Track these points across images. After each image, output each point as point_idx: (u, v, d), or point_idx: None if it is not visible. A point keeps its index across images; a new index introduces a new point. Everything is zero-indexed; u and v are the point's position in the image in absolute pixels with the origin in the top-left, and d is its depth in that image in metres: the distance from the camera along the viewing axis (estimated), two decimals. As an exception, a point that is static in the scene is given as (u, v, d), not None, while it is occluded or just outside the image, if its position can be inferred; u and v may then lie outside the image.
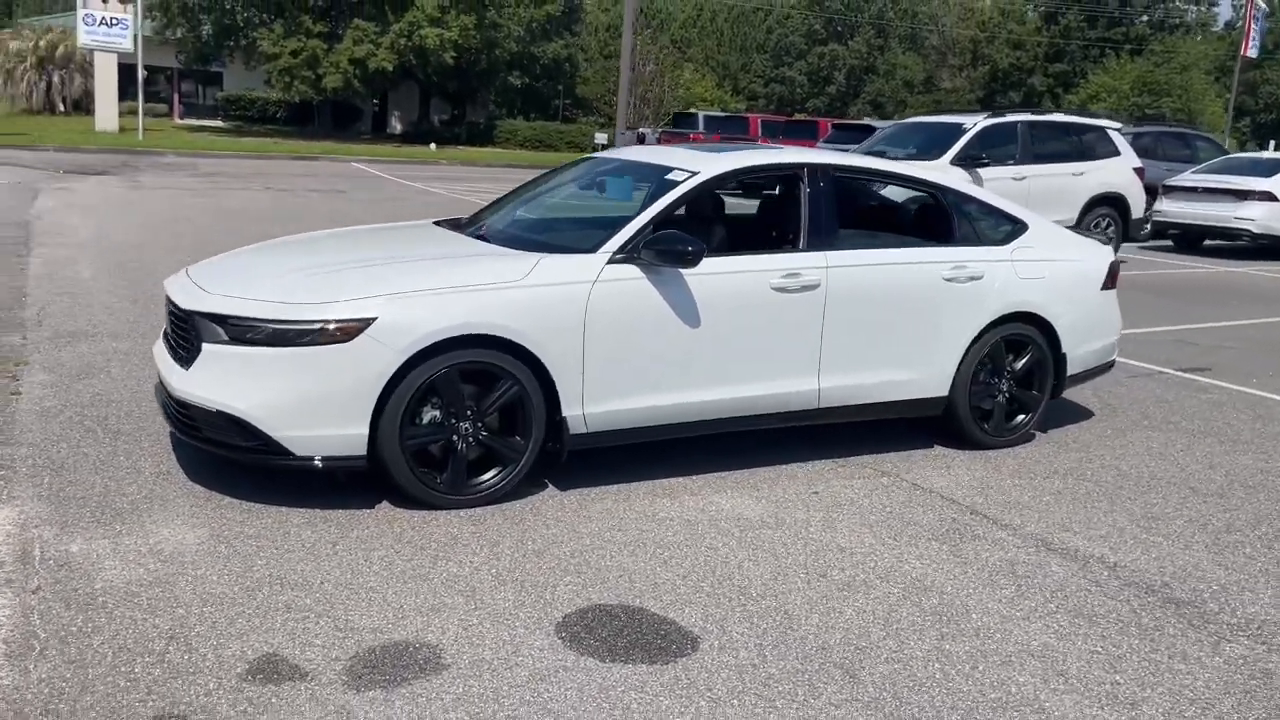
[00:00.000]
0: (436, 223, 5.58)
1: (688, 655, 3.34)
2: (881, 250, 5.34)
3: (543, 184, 6.00)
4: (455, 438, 4.39)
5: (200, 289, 4.44)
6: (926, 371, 5.44)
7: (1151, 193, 16.01)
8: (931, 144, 12.91)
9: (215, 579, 3.63)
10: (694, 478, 5.02)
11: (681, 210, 5.09)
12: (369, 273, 4.49)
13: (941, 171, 11.57)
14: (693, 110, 32.07)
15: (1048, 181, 12.97)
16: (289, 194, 18.47)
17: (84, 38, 37.22)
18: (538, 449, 4.55)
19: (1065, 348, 5.82)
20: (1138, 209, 13.78)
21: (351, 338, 4.12)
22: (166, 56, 47.72)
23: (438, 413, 4.35)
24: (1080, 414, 6.64)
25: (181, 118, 50.74)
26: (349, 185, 20.89)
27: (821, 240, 5.15)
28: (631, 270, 4.64)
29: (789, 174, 5.42)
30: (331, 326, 4.12)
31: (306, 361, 4.12)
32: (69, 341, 6.89)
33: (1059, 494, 5.11)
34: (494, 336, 4.34)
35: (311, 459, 4.20)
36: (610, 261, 4.63)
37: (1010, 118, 13.18)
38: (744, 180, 5.41)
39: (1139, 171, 13.81)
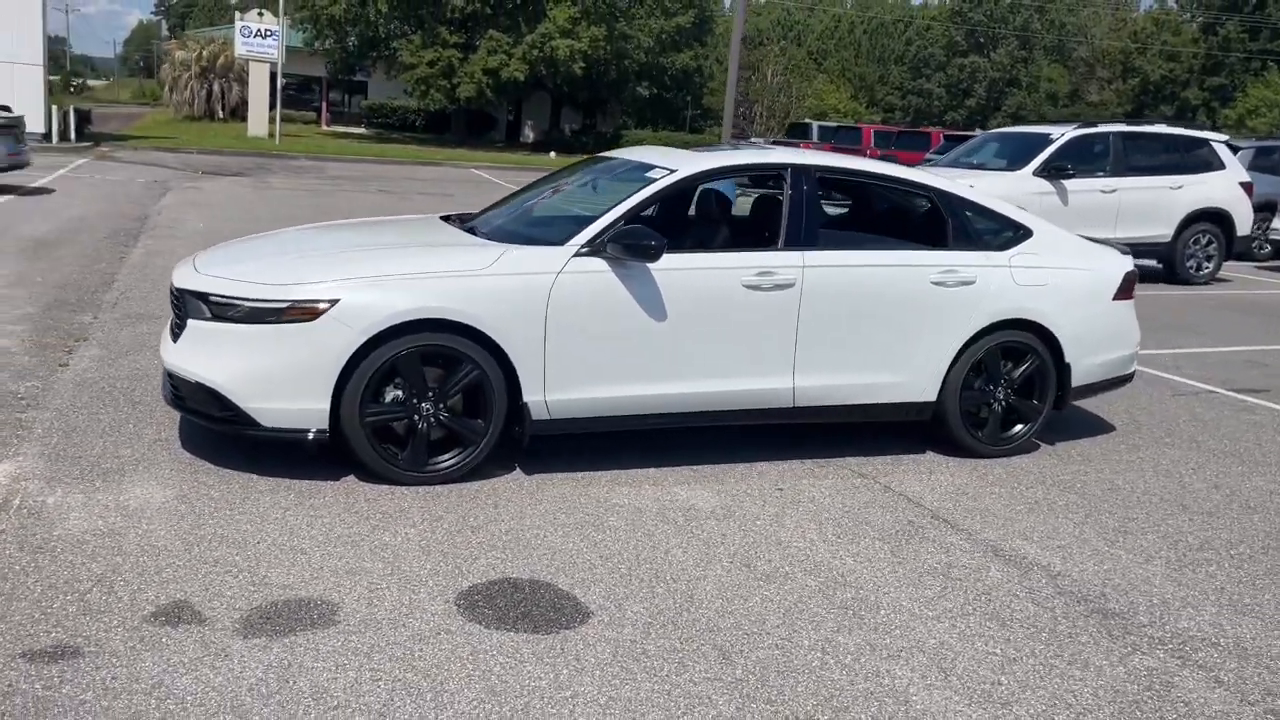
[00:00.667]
0: (443, 218, 5.84)
1: (572, 629, 3.47)
2: (862, 251, 5.34)
3: (548, 182, 6.20)
4: (416, 417, 4.61)
5: (195, 270, 4.80)
6: (911, 375, 5.40)
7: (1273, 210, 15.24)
8: (1015, 155, 12.62)
9: (162, 533, 3.94)
10: (664, 469, 5.13)
11: (667, 208, 5.21)
12: (342, 258, 4.77)
13: (1023, 182, 11.35)
14: (807, 121, 31.88)
15: (1141, 195, 12.50)
16: (397, 196, 19.24)
17: (240, 48, 39.43)
18: (498, 433, 4.74)
19: (1069, 358, 5.68)
20: (1244, 226, 13.13)
21: (316, 317, 4.40)
22: (317, 66, 50.11)
23: (400, 392, 4.59)
24: (1100, 428, 6.45)
25: (328, 124, 53.05)
26: (459, 190, 21.58)
27: (800, 240, 5.18)
28: (597, 263, 4.79)
29: (772, 174, 5.47)
30: (297, 306, 4.40)
31: (274, 339, 4.42)
32: (133, 323, 7.44)
33: (1035, 504, 5.01)
34: (455, 322, 4.54)
35: (281, 430, 4.48)
36: (577, 254, 4.79)
37: (1102, 128, 12.76)
38: (725, 179, 5.47)
39: (1246, 187, 13.15)
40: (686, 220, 6.16)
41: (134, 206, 14.77)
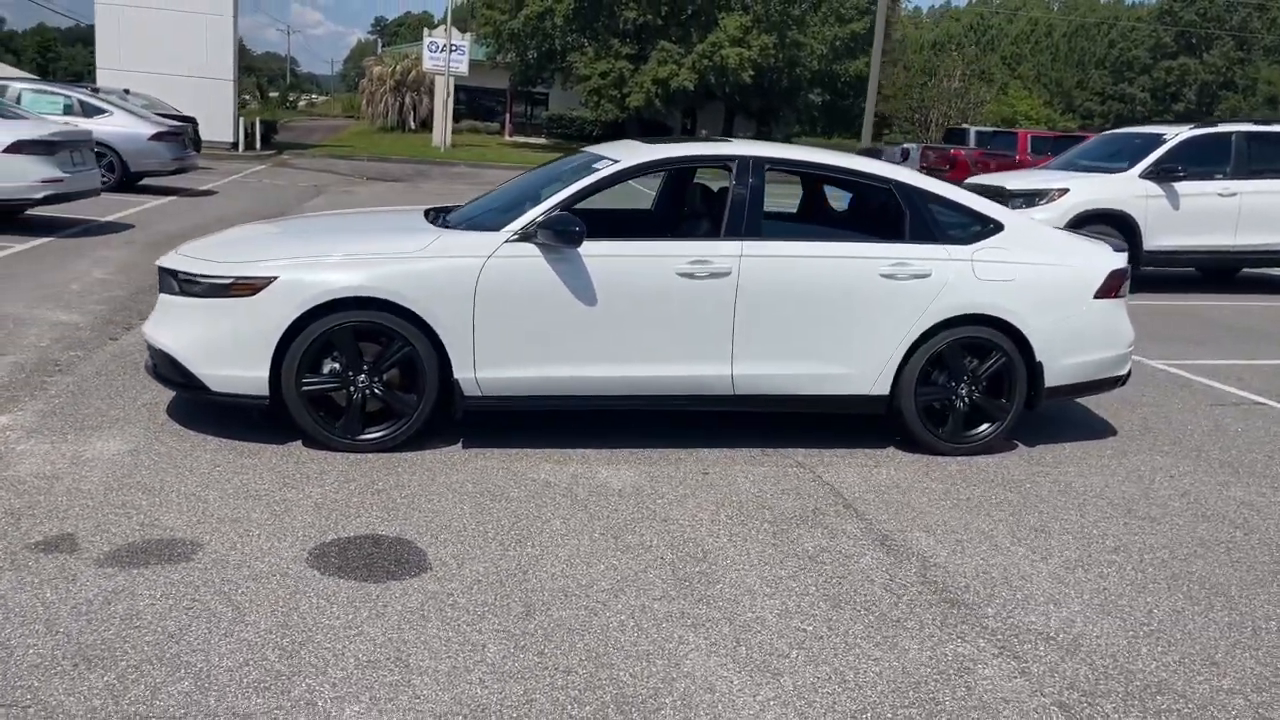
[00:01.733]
0: (426, 211, 6.11)
1: (400, 580, 3.73)
2: (804, 243, 5.36)
3: (528, 176, 6.46)
4: (352, 389, 4.98)
5: (176, 252, 5.32)
6: (860, 368, 5.38)
7: None
8: (1124, 156, 12.00)
9: (94, 479, 4.44)
10: (603, 450, 5.31)
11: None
12: (295, 241, 5.20)
13: (1128, 184, 10.85)
14: (964, 126, 30.90)
15: (1266, 199, 11.66)
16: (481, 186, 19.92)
17: (428, 63, 41.54)
18: (430, 406, 5.04)
19: (1041, 356, 5.51)
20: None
21: (256, 292, 4.83)
22: (501, 79, 52.20)
23: (338, 365, 4.96)
24: (1099, 432, 6.19)
25: (511, 135, 55.12)
26: (596, 194, 22.11)
27: (741, 230, 5.26)
28: (528, 249, 5.03)
29: (718, 166, 5.56)
30: (241, 282, 4.85)
31: (222, 311, 4.88)
32: (201, 306, 8.16)
33: (965, 501, 4.92)
34: (385, 300, 4.88)
35: (228, 395, 4.94)
36: (509, 240, 5.04)
37: (1223, 128, 11.96)
38: (667, 170, 5.58)
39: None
40: (672, 211, 6.32)
41: (280, 208, 15.95)
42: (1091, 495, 5.08)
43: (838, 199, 6.68)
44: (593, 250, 5.09)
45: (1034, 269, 5.52)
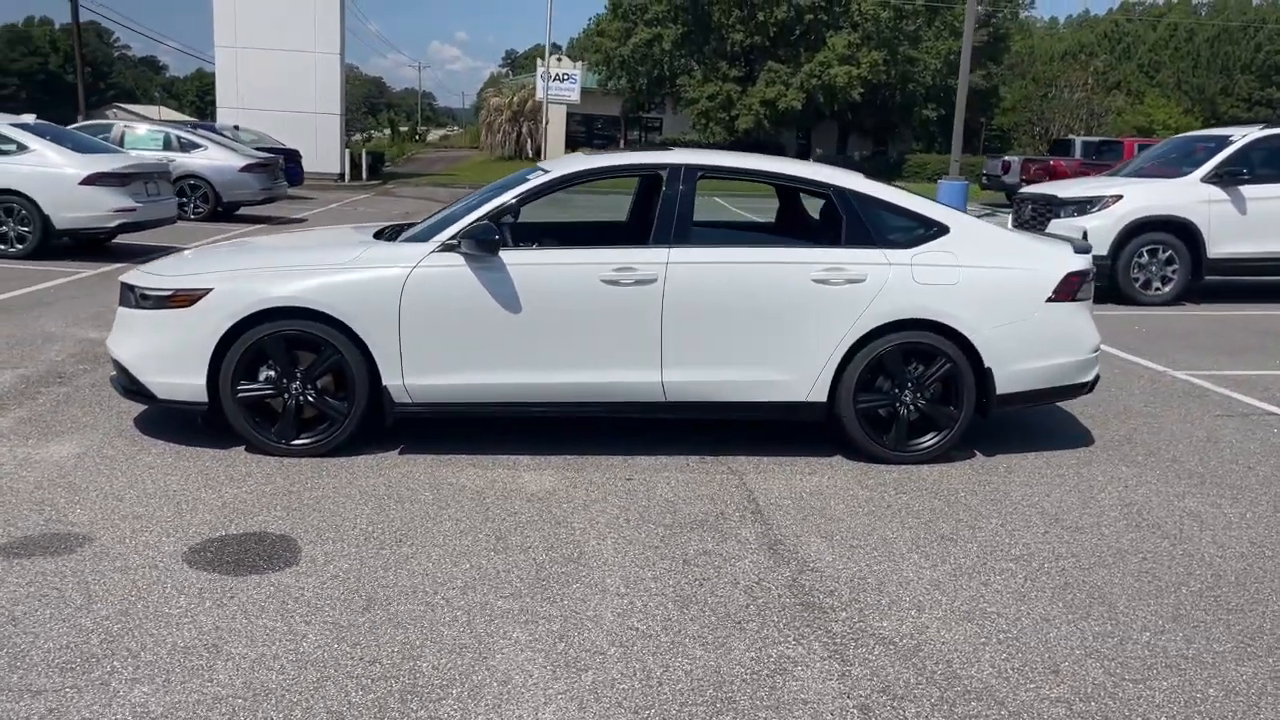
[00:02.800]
0: (387, 227, 6.20)
1: (259, 574, 3.87)
2: (734, 249, 5.33)
3: (481, 191, 6.53)
4: (286, 395, 5.19)
5: (138, 269, 5.65)
6: (794, 375, 5.30)
7: None
8: (1189, 159, 11.44)
9: (30, 478, 4.74)
10: (536, 457, 5.37)
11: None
12: (236, 255, 5.46)
13: (1188, 189, 10.40)
14: (1070, 137, 29.84)
15: (1345, 202, 10.93)
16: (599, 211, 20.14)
17: (541, 92, 42.55)
18: (360, 413, 5.20)
19: (990, 362, 5.33)
20: None
21: (193, 304, 5.09)
22: (613, 105, 53.03)
23: (273, 372, 5.18)
24: (1073, 441, 5.94)
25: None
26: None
27: (669, 237, 5.27)
28: (454, 259, 5.16)
29: (648, 174, 5.58)
30: (180, 294, 5.12)
31: (164, 322, 5.15)
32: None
33: (882, 509, 4.79)
34: (313, 310, 5.08)
35: (171, 401, 5.21)
36: (436, 250, 5.18)
37: (1295, 127, 11.28)
38: (594, 180, 5.61)
39: None
40: (641, 221, 6.38)
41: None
42: (1023, 505, 4.88)
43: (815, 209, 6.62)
44: (517, 259, 5.18)
45: (979, 272, 5.35)
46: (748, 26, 45.06)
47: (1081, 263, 5.53)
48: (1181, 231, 10.84)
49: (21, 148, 11.72)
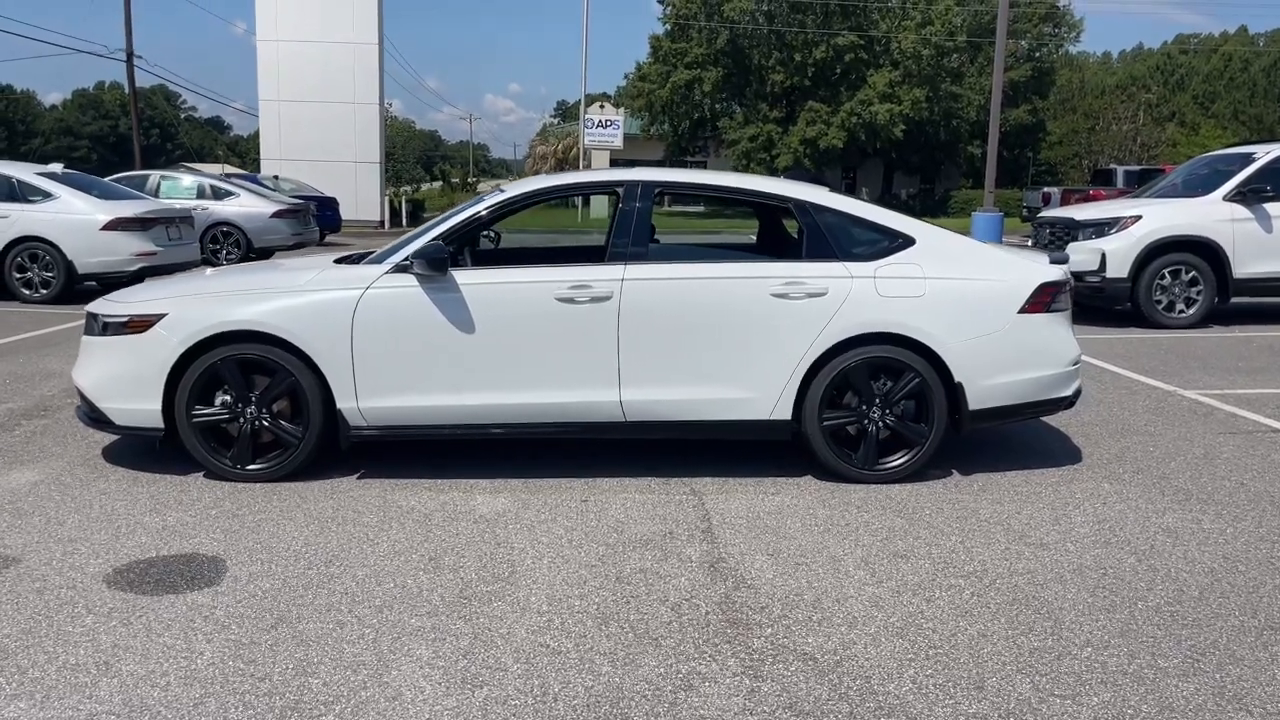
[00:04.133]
0: (356, 254, 6.17)
1: (177, 594, 3.80)
2: (690, 265, 5.22)
3: (445, 214, 6.51)
4: (241, 420, 5.16)
5: (104, 297, 5.67)
6: (756, 392, 5.16)
7: None
8: (1211, 178, 11.11)
9: (-21, 504, 4.76)
10: (495, 480, 5.28)
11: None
12: (195, 281, 5.46)
13: (1210, 208, 10.13)
14: (1111, 167, 29.33)
15: (1377, 217, 10.53)
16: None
17: (585, 139, 42.92)
18: (315, 436, 5.15)
19: (960, 377, 5.15)
20: None
21: (147, 329, 5.09)
22: (656, 150, 53.34)
23: (228, 397, 5.16)
24: (1059, 459, 5.70)
25: (670, 205, 56.08)
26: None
27: (625, 254, 5.19)
28: (406, 279, 5.12)
29: (605, 191, 5.51)
30: (135, 320, 5.13)
31: (120, 348, 5.16)
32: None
33: (838, 527, 4.61)
34: (266, 333, 5.06)
35: (129, 428, 5.20)
36: (389, 272, 5.15)
37: (1321, 142, 10.91)
38: (552, 199, 5.55)
39: None
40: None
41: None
42: (989, 522, 4.66)
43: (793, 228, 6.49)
44: (470, 278, 5.13)
45: (946, 284, 5.18)
46: (787, 67, 45.21)
47: (1056, 273, 5.33)
48: (1205, 251, 10.50)
49: (47, 196, 12.02)
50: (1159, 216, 10.63)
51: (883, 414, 5.20)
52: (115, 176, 18.05)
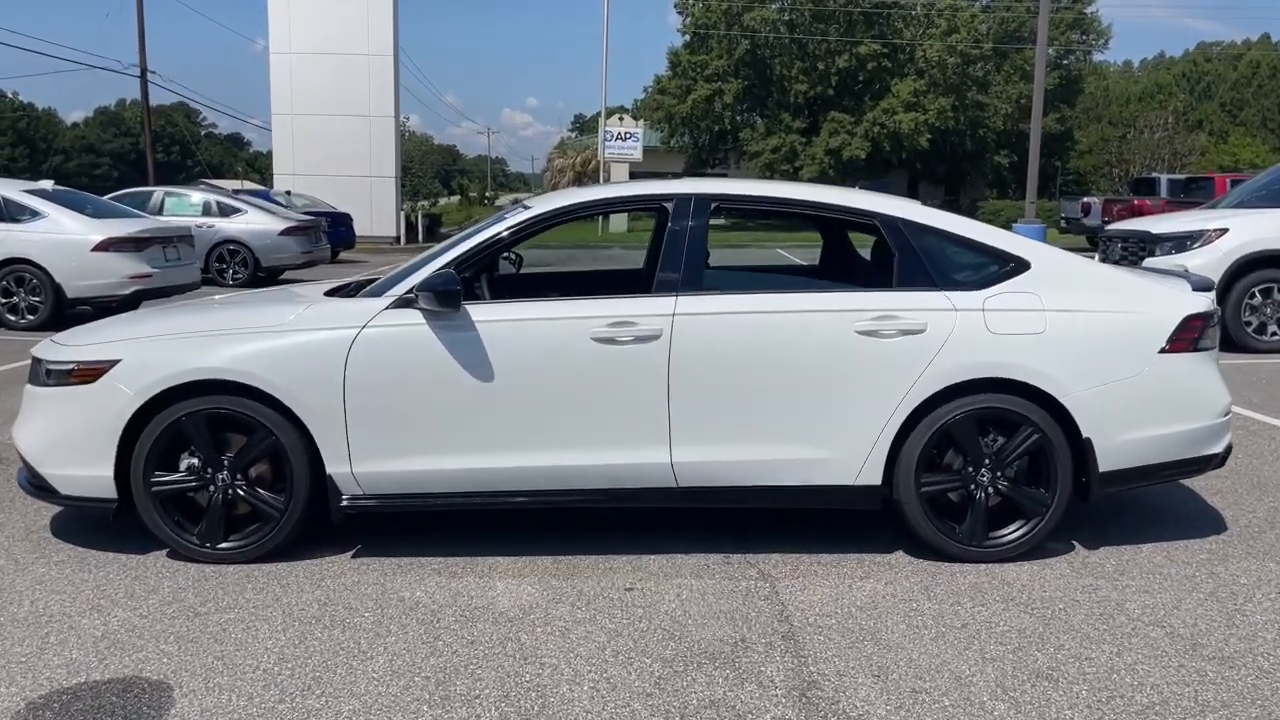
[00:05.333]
0: (351, 282, 5.20)
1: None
2: (756, 295, 4.27)
3: (460, 233, 5.57)
4: (212, 489, 4.24)
5: (51, 338, 4.75)
6: (837, 451, 4.21)
7: None
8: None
9: (-117, 600, 3.84)
10: (518, 559, 4.34)
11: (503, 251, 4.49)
12: (157, 319, 4.55)
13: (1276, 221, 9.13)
14: (1154, 175, 28.23)
15: None
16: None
17: (604, 151, 42.16)
18: (300, 508, 4.22)
19: (1089, 432, 4.18)
20: None
21: (97, 378, 4.18)
22: (675, 163, 52.47)
23: (195, 460, 4.24)
24: (1200, 527, 4.72)
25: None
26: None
27: (676, 282, 4.25)
28: (411, 315, 4.19)
29: (649, 207, 4.58)
30: (82, 367, 4.21)
31: (64, 401, 4.25)
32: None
33: (955, 630, 3.64)
34: (240, 383, 4.14)
35: (76, 499, 4.29)
36: (390, 307, 4.22)
37: None
38: (585, 216, 4.63)
39: None
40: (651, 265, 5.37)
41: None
42: (1143, 623, 3.68)
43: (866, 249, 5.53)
44: (488, 314, 4.20)
45: (1071, 317, 4.21)
46: (810, 77, 44.30)
47: (1202, 303, 4.36)
48: (1303, 269, 9.48)
49: (35, 215, 11.21)
50: (1248, 229, 9.61)
51: (994, 477, 4.23)
52: (119, 193, 17.29)
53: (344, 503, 4.23)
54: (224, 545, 4.25)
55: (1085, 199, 26.70)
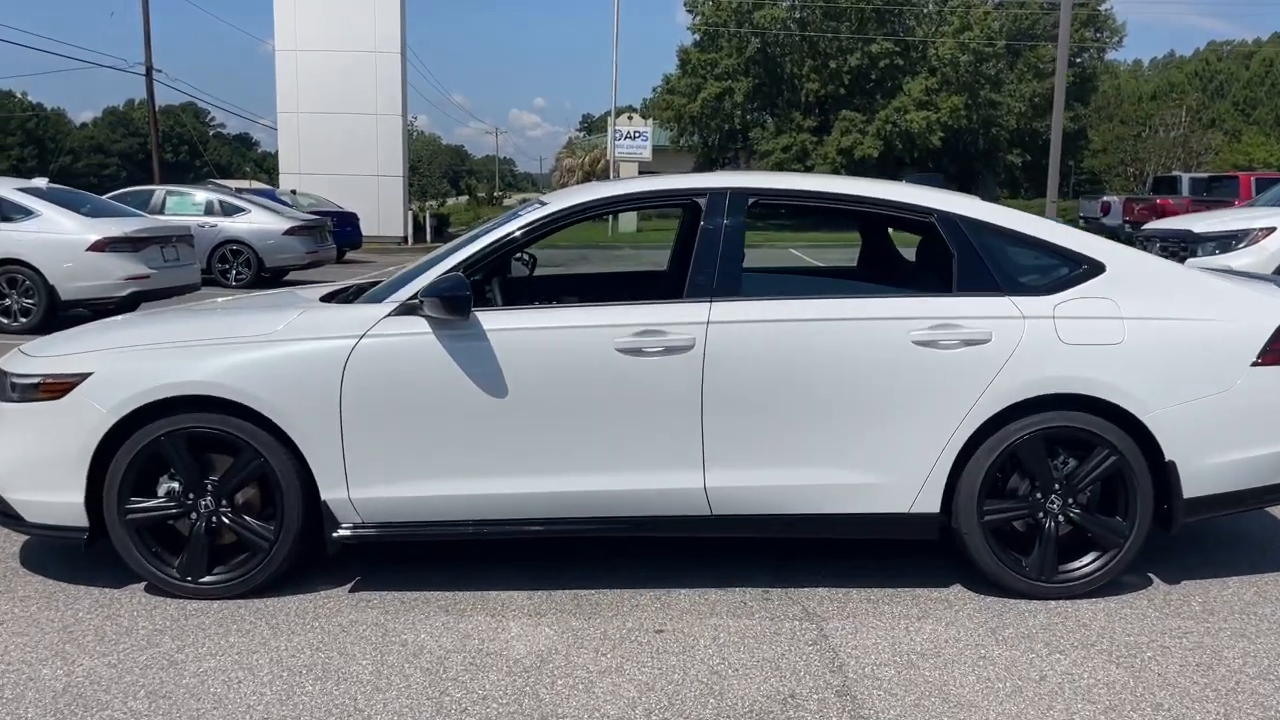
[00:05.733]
0: (348, 287, 4.73)
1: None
2: (800, 301, 3.82)
3: (471, 232, 5.12)
4: (194, 516, 3.81)
5: (19, 348, 4.33)
6: (893, 475, 3.76)
7: None
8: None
9: None
10: (535, 593, 3.91)
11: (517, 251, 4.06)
12: (135, 327, 4.13)
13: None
14: (1175, 174, 27.68)
15: None
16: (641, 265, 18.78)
17: (614, 150, 41.76)
18: (293, 537, 3.79)
19: (1172, 454, 3.73)
20: None
21: (67, 393, 3.75)
22: (685, 163, 51.99)
23: (175, 484, 3.81)
24: (1288, 560, 4.25)
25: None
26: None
27: (711, 287, 3.81)
28: (414, 324, 3.76)
29: (680, 202, 4.14)
30: (49, 381, 3.79)
31: (29, 419, 3.83)
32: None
33: (1031, 683, 3.20)
34: (225, 399, 3.71)
35: (45, 527, 3.86)
36: (393, 314, 3.79)
37: None
38: (607, 213, 4.18)
39: None
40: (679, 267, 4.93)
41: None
42: (1250, 675, 3.24)
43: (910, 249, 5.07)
44: (501, 322, 3.77)
45: (1153, 325, 3.77)
46: (821, 75, 43.80)
47: (1296, 310, 3.90)
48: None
49: (28, 213, 10.79)
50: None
51: (1065, 504, 3.79)
52: (120, 192, 16.91)
53: (341, 532, 3.80)
54: (207, 579, 3.82)
55: (1105, 198, 26.18)
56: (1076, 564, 3.84)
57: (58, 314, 10.70)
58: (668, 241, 7.42)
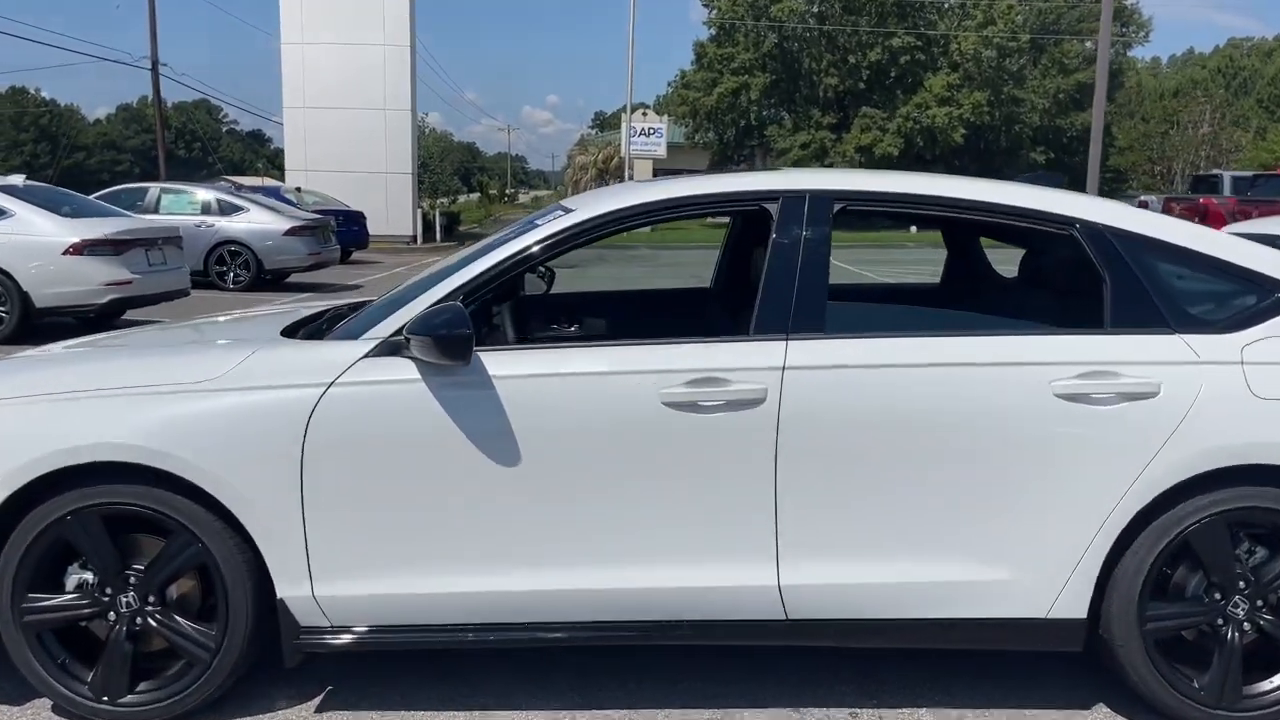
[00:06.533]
0: (322, 313, 3.82)
1: None
2: (904, 340, 2.91)
3: (481, 243, 4.23)
4: (112, 616, 2.92)
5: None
6: (1025, 571, 2.86)
7: None
8: None
9: None
10: (548, 715, 3.00)
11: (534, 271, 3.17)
12: (14, 368, 3.25)
13: None
14: (1216, 173, 26.64)
15: None
16: (663, 270, 17.91)
17: (628, 147, 40.99)
18: (241, 644, 2.90)
19: (1401, 542, 2.81)
20: None
21: (-58, 461, 2.87)
22: (700, 159, 51.00)
23: (87, 575, 2.93)
24: None
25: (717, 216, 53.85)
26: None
27: (786, 321, 2.90)
28: (399, 368, 2.87)
29: (746, 207, 3.22)
30: (-79, 444, 2.90)
31: (-98, 491, 2.94)
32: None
33: None
34: (150, 467, 2.82)
35: (-76, 627, 2.98)
36: (372, 354, 2.89)
37: None
38: (644, 223, 3.25)
39: None
40: (736, 287, 4.03)
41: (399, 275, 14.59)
42: None
43: (1009, 265, 4.13)
44: (510, 367, 2.87)
45: (1372, 374, 2.83)
46: (840, 70, 42.81)
47: None
48: None
49: (2, 214, 9.93)
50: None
51: (1252, 608, 2.86)
52: (112, 189, 16.11)
53: (302, 639, 2.90)
54: (129, 699, 2.93)
55: (1143, 197, 25.14)
56: (1266, 684, 2.92)
57: (33, 322, 9.87)
58: (686, 241, 6.51)
